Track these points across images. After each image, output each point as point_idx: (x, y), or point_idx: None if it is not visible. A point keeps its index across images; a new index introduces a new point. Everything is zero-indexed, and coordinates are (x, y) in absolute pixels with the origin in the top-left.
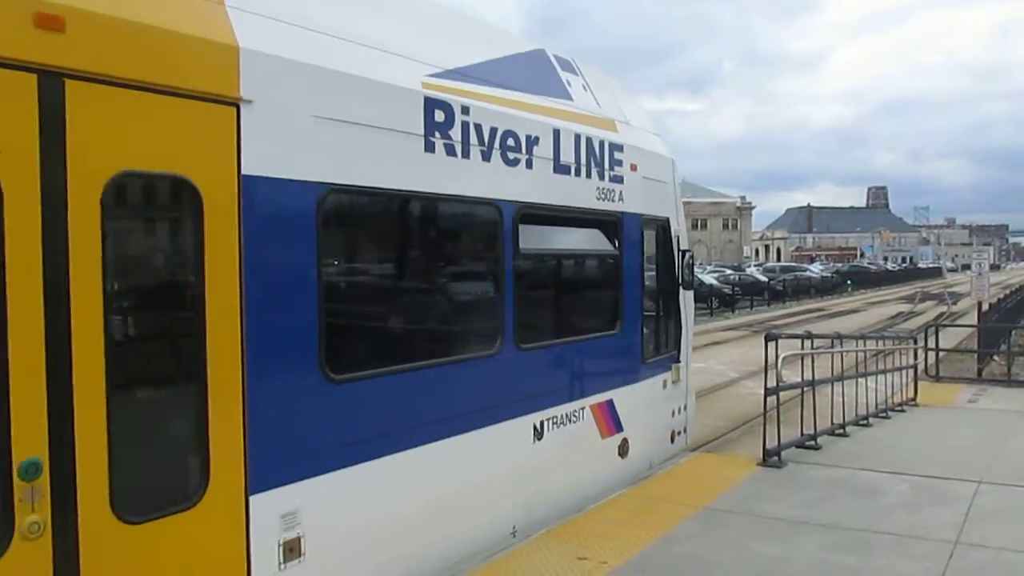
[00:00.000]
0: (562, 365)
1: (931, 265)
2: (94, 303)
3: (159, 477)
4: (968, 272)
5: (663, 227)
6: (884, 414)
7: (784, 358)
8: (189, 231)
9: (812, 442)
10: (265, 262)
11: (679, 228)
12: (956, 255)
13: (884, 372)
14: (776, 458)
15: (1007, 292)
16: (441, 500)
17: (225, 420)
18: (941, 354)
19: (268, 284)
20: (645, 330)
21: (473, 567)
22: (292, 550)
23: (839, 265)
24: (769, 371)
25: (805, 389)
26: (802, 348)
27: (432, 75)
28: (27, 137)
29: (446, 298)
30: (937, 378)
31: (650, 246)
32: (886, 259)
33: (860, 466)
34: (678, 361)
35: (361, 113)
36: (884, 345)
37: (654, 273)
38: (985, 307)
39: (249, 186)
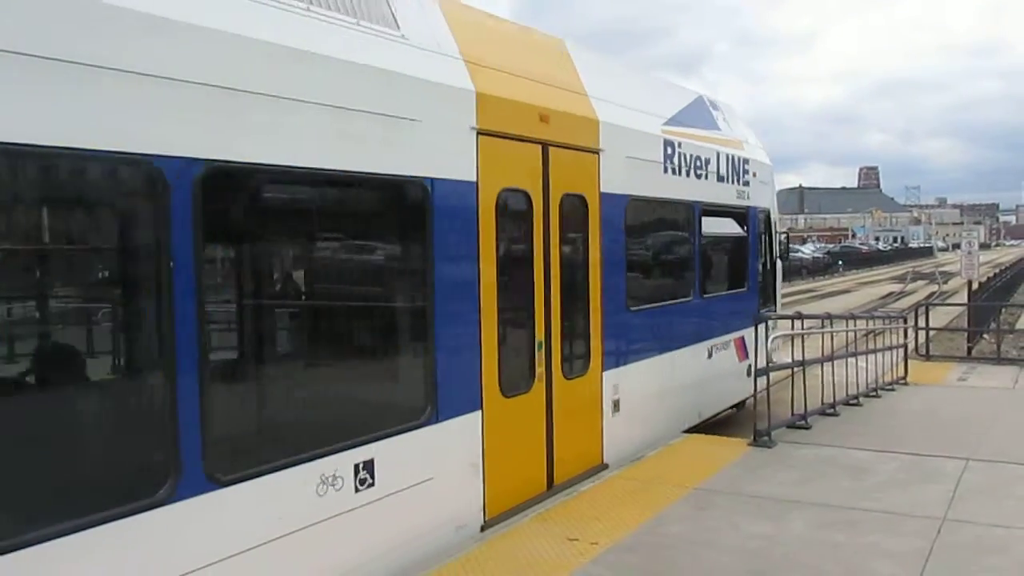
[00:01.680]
0: (720, 310)
1: (922, 245)
2: (556, 269)
3: (574, 362)
4: (959, 251)
5: (767, 216)
6: (874, 393)
7: (774, 339)
8: (584, 226)
9: (802, 421)
10: (608, 243)
11: (776, 216)
12: (947, 234)
13: (875, 352)
14: (767, 438)
15: (997, 271)
16: (673, 388)
17: (596, 331)
18: (932, 333)
19: (609, 255)
20: (759, 289)
21: (467, 549)
22: (616, 406)
23: (830, 246)
24: (759, 352)
25: (795, 369)
26: (792, 329)
27: (663, 124)
28: (537, 176)
29: (672, 262)
30: (927, 357)
31: (760, 229)
32: (877, 239)
33: (850, 445)
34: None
35: (641, 152)
36: (875, 325)
37: (762, 249)
38: (975, 286)
39: (603, 199)
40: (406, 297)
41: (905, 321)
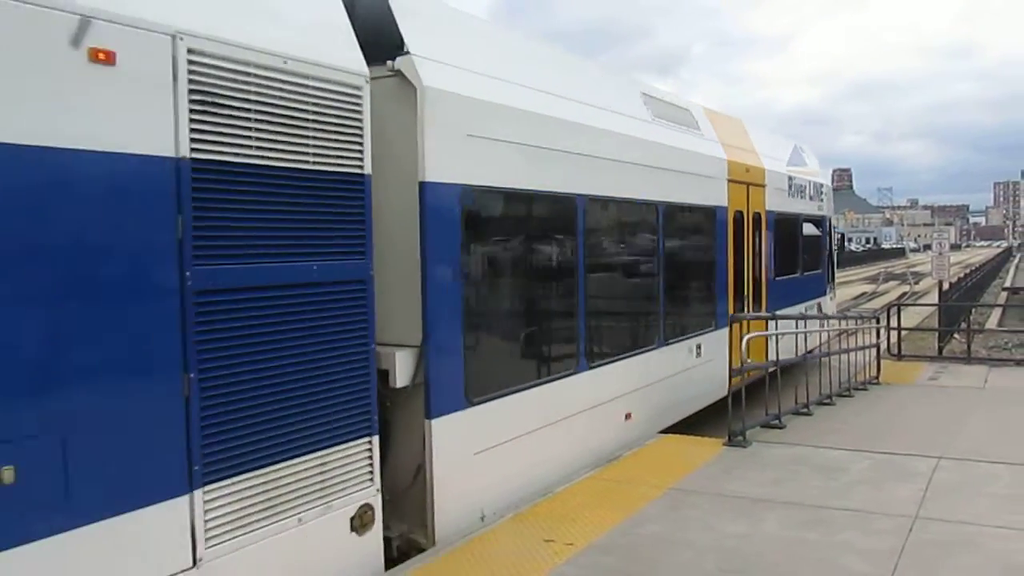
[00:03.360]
0: (809, 282)
1: (894, 246)
2: (751, 253)
3: (755, 308)
4: (930, 252)
5: (829, 220)
6: (847, 392)
7: (748, 339)
8: (760, 230)
9: (776, 421)
10: (769, 239)
11: (834, 221)
12: (919, 236)
13: (848, 351)
14: (741, 437)
15: (968, 271)
16: (800, 326)
17: (763, 290)
18: (903, 333)
19: (769, 246)
20: (826, 271)
21: (445, 551)
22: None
23: None
24: (733, 352)
25: (769, 369)
26: (766, 329)
27: (785, 164)
28: (745, 202)
29: (792, 252)
30: (899, 356)
31: (827, 231)
32: (850, 240)
33: (823, 444)
34: (833, 290)
35: (780, 185)
36: (847, 325)
37: (828, 244)
38: (946, 286)
39: (767, 214)
40: (711, 270)
41: (877, 321)
